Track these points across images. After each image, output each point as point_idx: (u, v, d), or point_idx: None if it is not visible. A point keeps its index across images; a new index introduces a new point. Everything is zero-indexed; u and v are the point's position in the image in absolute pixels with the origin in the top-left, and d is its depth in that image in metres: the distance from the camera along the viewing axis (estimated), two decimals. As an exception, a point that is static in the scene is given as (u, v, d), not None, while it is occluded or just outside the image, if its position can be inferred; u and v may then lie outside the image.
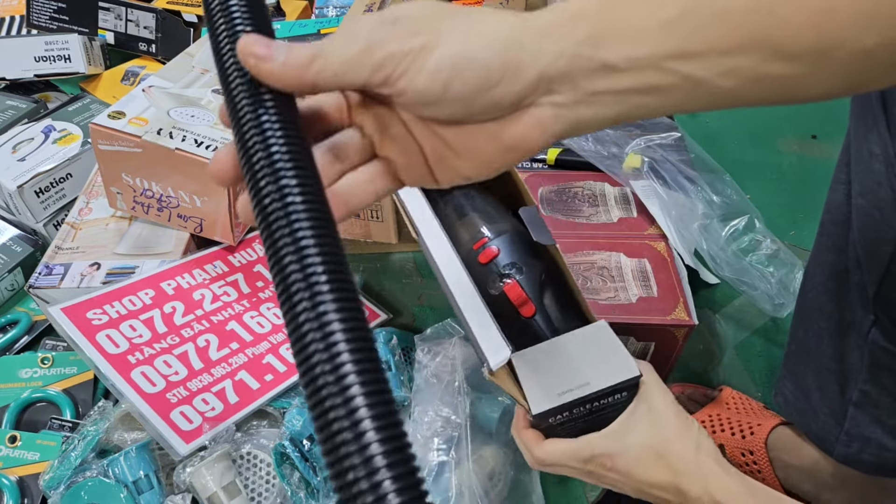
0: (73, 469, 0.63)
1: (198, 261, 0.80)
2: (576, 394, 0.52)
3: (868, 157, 0.49)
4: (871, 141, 0.48)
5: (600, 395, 0.52)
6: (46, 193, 0.89)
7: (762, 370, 0.82)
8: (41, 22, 1.23)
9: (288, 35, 1.10)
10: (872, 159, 0.49)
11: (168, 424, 0.64)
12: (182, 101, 0.80)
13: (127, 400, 0.64)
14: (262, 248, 0.85)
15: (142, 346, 0.69)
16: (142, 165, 0.75)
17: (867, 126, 0.49)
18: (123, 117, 0.75)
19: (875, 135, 0.48)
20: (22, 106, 1.00)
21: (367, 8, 0.78)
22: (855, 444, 0.58)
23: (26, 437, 0.69)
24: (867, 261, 0.52)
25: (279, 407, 0.70)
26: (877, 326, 0.54)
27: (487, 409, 0.68)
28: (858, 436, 0.58)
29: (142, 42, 1.21)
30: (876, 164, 0.48)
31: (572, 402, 0.52)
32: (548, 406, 0.52)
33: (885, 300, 0.52)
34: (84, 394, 0.76)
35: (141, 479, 0.62)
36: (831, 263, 0.58)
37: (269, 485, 0.64)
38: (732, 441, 0.70)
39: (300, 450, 0.64)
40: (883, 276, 0.51)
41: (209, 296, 0.77)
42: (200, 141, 0.74)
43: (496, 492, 0.64)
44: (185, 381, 0.68)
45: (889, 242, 0.49)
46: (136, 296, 0.73)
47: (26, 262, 0.88)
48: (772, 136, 1.19)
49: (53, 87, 1.18)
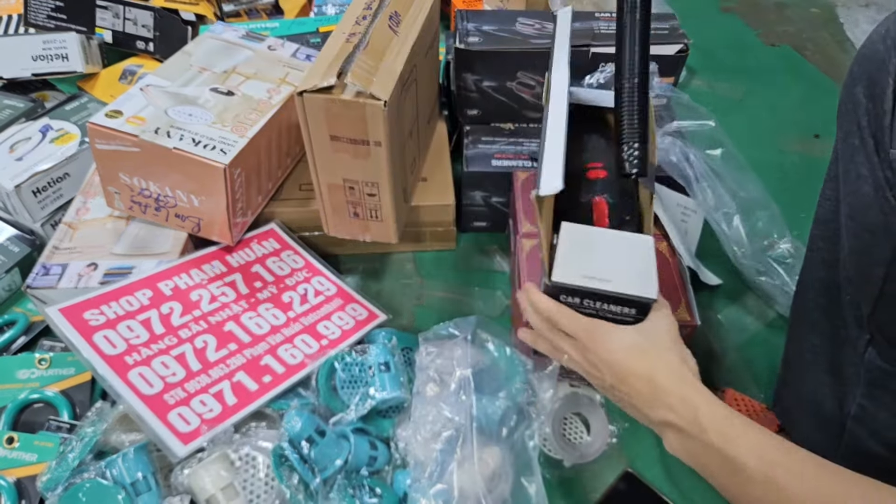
0: (70, 470, 0.62)
1: (196, 261, 0.79)
2: (594, 284, 0.55)
3: (856, 178, 0.49)
4: (858, 163, 0.49)
5: (613, 299, 0.55)
6: (44, 193, 0.89)
7: (765, 371, 0.82)
8: (39, 21, 1.22)
9: (286, 33, 1.10)
10: (860, 181, 0.49)
11: (166, 426, 0.63)
12: (180, 99, 0.80)
13: (124, 401, 0.64)
14: (260, 248, 0.85)
15: (139, 346, 0.68)
16: (139, 165, 0.75)
17: (854, 147, 0.49)
18: (121, 116, 0.75)
19: (862, 156, 0.48)
20: (19, 105, 1.00)
21: (367, 6, 0.78)
22: (854, 457, 0.58)
23: (24, 438, 0.69)
24: (860, 281, 0.52)
25: (278, 408, 0.70)
26: (873, 345, 0.54)
27: (488, 409, 0.68)
28: (857, 449, 0.58)
29: (139, 40, 1.21)
30: (864, 186, 0.48)
31: (587, 291, 0.55)
32: (566, 281, 0.55)
33: (879, 322, 0.52)
34: (82, 395, 0.75)
35: (139, 480, 0.62)
36: (822, 279, 0.58)
37: (267, 486, 0.64)
38: None
39: (299, 451, 0.63)
40: (877, 298, 0.51)
41: (207, 296, 0.76)
42: (198, 140, 0.74)
43: (497, 492, 0.64)
44: (183, 382, 0.67)
45: (881, 265, 0.49)
46: (133, 296, 0.73)
47: (23, 262, 0.87)
48: (774, 136, 1.19)
49: (51, 86, 1.17)
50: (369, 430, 0.70)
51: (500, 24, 0.93)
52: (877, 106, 0.46)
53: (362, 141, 0.70)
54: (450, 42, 1.07)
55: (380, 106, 0.66)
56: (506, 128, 0.98)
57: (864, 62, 0.47)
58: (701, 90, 1.33)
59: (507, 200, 0.95)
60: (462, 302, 0.90)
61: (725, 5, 1.65)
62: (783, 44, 1.50)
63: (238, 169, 0.75)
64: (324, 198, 0.79)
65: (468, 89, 0.94)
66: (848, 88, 0.49)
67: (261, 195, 0.85)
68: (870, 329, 0.53)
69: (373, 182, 0.75)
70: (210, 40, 0.92)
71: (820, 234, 0.57)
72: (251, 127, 0.78)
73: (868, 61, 0.47)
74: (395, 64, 0.72)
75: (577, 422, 0.76)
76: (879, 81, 0.46)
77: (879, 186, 0.47)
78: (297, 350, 0.74)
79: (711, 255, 0.95)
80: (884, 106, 0.45)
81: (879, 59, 0.46)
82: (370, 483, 0.66)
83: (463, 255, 0.97)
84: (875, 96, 0.46)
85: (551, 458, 0.72)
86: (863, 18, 1.63)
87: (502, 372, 0.72)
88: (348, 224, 0.82)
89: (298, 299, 0.81)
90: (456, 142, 1.02)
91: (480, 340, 0.74)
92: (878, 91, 0.46)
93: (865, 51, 0.48)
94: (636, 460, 0.74)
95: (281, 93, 0.85)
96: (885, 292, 0.50)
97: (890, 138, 0.45)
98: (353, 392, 0.70)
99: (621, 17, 0.61)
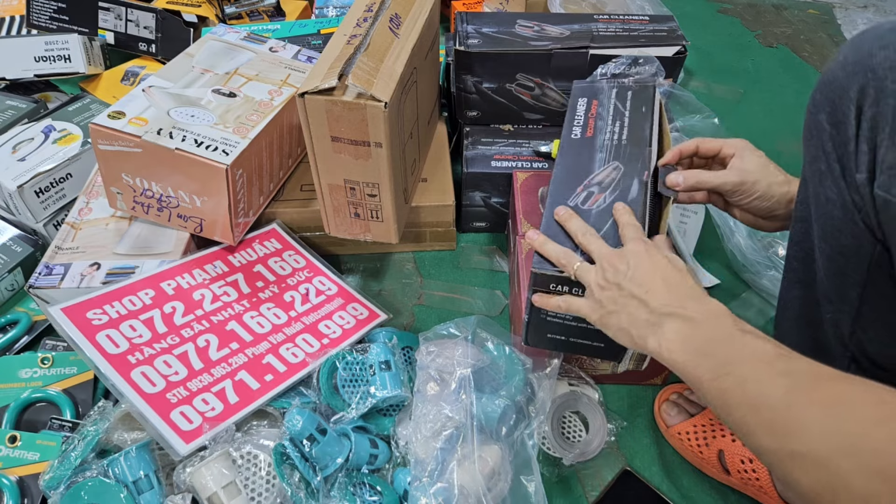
0: (73, 469, 0.63)
1: (198, 261, 0.80)
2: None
3: (825, 202, 0.50)
4: (827, 187, 0.49)
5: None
6: (46, 193, 0.89)
7: (762, 370, 0.82)
8: (41, 22, 1.23)
9: (288, 35, 1.10)
10: (830, 205, 0.50)
11: (168, 424, 0.63)
12: (182, 101, 0.80)
13: (127, 400, 0.64)
14: (262, 248, 0.85)
15: (142, 346, 0.69)
16: (142, 165, 0.75)
17: (821, 172, 0.49)
18: (123, 117, 0.75)
19: (829, 181, 0.49)
20: (22, 106, 1.00)
21: (367, 8, 0.78)
22: None
23: (26, 437, 0.69)
24: (838, 301, 0.53)
25: (279, 407, 0.70)
26: (855, 364, 0.55)
27: (488, 408, 0.68)
28: None
29: (142, 42, 1.21)
30: (834, 210, 0.49)
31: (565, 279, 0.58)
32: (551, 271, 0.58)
33: (859, 341, 0.53)
34: (84, 394, 0.76)
35: (141, 479, 0.62)
36: (800, 298, 0.59)
37: (268, 485, 0.64)
38: (733, 447, 0.70)
39: (300, 450, 0.63)
40: (855, 318, 0.52)
41: (209, 296, 0.77)
42: (200, 141, 0.74)
43: (497, 490, 0.64)
44: (185, 381, 0.68)
45: (855, 286, 0.50)
46: (136, 296, 0.73)
47: (26, 262, 0.88)
48: (771, 136, 1.19)
49: (53, 87, 1.18)
50: (370, 429, 0.70)
51: (500, 26, 0.94)
52: (840, 132, 0.47)
53: (363, 142, 0.71)
54: (450, 44, 1.07)
55: (380, 107, 0.67)
56: (505, 129, 0.98)
57: (825, 89, 0.48)
58: (699, 91, 1.33)
59: (507, 201, 0.95)
60: (462, 302, 0.91)
61: (723, 7, 1.66)
62: (781, 45, 1.51)
63: (240, 170, 0.76)
64: (325, 198, 0.79)
65: (468, 91, 0.95)
66: (811, 115, 0.50)
67: (262, 195, 0.86)
68: (850, 348, 0.54)
69: (373, 183, 0.75)
70: (212, 42, 0.93)
71: (794, 254, 0.58)
72: (253, 128, 0.78)
73: (829, 88, 0.48)
74: (395, 66, 0.72)
75: (576, 420, 0.77)
76: (842, 108, 0.46)
77: (849, 210, 0.48)
78: (299, 349, 0.75)
79: (711, 255, 0.95)
80: (847, 133, 0.46)
81: (840, 86, 0.46)
82: (371, 481, 0.67)
83: (463, 255, 0.98)
84: (838, 123, 0.47)
85: (550, 456, 0.73)
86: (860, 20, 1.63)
87: (502, 371, 0.73)
88: (349, 224, 0.82)
89: (300, 299, 0.81)
90: (456, 143, 1.02)
91: (480, 340, 0.75)
92: (840, 118, 0.47)
93: (826, 78, 0.48)
94: (634, 458, 0.74)
95: (282, 94, 0.85)
96: (862, 313, 0.51)
97: (855, 164, 0.46)
98: (353, 391, 0.71)
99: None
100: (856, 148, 0.46)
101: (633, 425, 0.77)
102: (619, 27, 0.92)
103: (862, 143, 0.45)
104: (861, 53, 0.45)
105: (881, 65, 0.43)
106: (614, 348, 0.63)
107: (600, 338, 0.60)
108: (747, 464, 0.68)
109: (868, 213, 0.47)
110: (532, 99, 0.95)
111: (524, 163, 0.92)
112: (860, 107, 0.45)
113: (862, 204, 0.47)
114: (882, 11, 1.68)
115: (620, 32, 0.91)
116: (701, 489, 0.72)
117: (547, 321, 0.63)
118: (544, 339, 0.66)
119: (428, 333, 0.75)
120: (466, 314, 0.87)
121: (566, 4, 1.31)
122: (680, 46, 0.90)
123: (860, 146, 0.45)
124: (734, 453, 0.70)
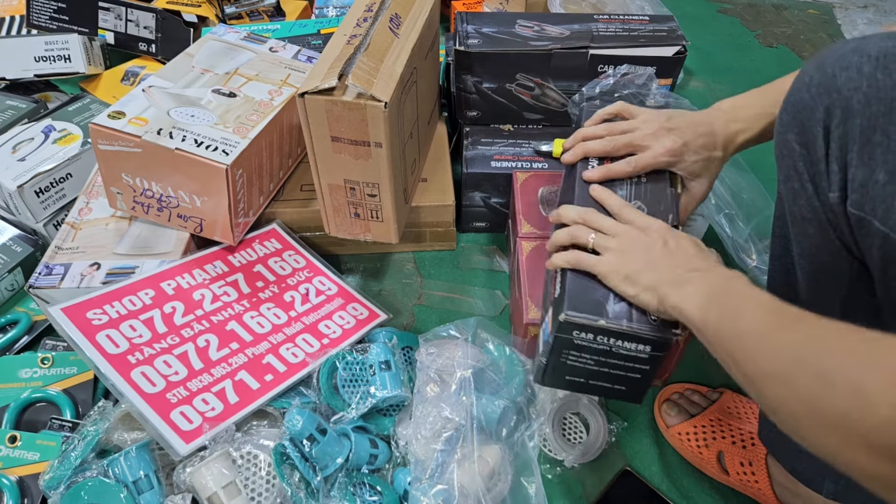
0: (73, 469, 0.63)
1: (198, 261, 0.80)
2: (610, 324, 0.55)
3: (801, 220, 0.51)
4: (801, 205, 0.50)
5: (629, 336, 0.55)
6: (46, 193, 0.89)
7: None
8: (41, 22, 1.23)
9: (288, 35, 1.10)
10: (805, 223, 0.50)
11: (168, 424, 0.63)
12: (182, 101, 0.80)
13: (127, 400, 0.64)
14: (262, 248, 0.85)
15: (142, 346, 0.69)
16: (142, 165, 0.75)
17: (795, 190, 0.50)
18: (123, 117, 0.75)
19: (804, 199, 0.49)
20: (22, 106, 1.00)
21: (367, 8, 0.78)
22: (843, 480, 0.58)
23: (26, 437, 0.69)
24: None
25: (279, 407, 0.70)
26: None
27: (488, 409, 0.68)
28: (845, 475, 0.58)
29: (142, 42, 1.21)
30: (810, 228, 0.50)
31: (601, 329, 0.55)
32: (579, 319, 0.56)
33: None
34: (84, 394, 0.76)
35: (141, 479, 0.62)
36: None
37: (269, 485, 0.64)
38: (733, 450, 0.70)
39: (300, 450, 0.63)
40: None
41: (209, 296, 0.77)
42: (200, 141, 0.74)
43: (497, 491, 0.64)
44: (185, 381, 0.68)
45: (836, 303, 0.51)
46: (136, 296, 0.73)
47: (26, 262, 0.88)
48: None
49: (53, 87, 1.18)
50: (370, 429, 0.70)
51: (500, 26, 0.94)
52: (811, 152, 0.47)
53: (363, 142, 0.71)
54: (450, 44, 1.07)
55: (380, 107, 0.67)
56: (505, 129, 0.98)
57: (792, 110, 0.48)
58: (699, 91, 1.33)
59: (507, 201, 0.95)
60: (462, 302, 0.91)
61: (723, 7, 1.66)
62: (781, 45, 1.51)
63: (240, 170, 0.76)
64: (325, 198, 0.79)
65: (468, 91, 0.95)
66: (781, 135, 0.50)
67: (262, 195, 0.86)
68: None
69: (373, 183, 0.75)
70: (212, 42, 0.93)
71: (776, 269, 0.59)
72: (253, 128, 0.78)
73: (796, 109, 0.48)
74: (395, 66, 0.72)
75: (577, 421, 0.77)
76: (810, 128, 0.47)
77: (824, 228, 0.48)
78: (299, 349, 0.75)
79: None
80: (817, 153, 0.47)
81: (806, 106, 0.47)
82: (371, 481, 0.67)
83: (463, 256, 0.98)
84: (807, 143, 0.47)
85: (551, 457, 0.73)
86: (860, 20, 1.63)
87: (502, 372, 0.73)
88: (349, 224, 0.82)
89: (300, 299, 0.81)
90: (456, 143, 1.02)
91: (480, 341, 0.75)
92: (809, 138, 0.47)
93: (792, 98, 0.48)
94: (635, 459, 0.75)
95: (282, 94, 0.85)
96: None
97: (828, 183, 0.46)
98: (353, 391, 0.71)
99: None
100: (826, 168, 0.46)
101: (633, 425, 0.77)
102: (619, 27, 0.93)
103: (832, 162, 0.46)
104: (825, 75, 0.45)
105: (845, 85, 0.44)
106: (635, 389, 0.61)
107: (621, 381, 0.59)
108: (746, 466, 0.68)
109: (843, 230, 0.47)
110: (532, 99, 0.95)
111: (524, 163, 0.92)
112: (827, 127, 0.45)
113: (837, 222, 0.47)
114: (882, 11, 1.68)
115: (620, 32, 0.91)
116: (701, 489, 0.72)
117: (567, 364, 0.60)
118: (562, 380, 0.63)
119: (428, 335, 0.75)
120: (466, 314, 0.87)
121: (566, 4, 1.31)
122: (680, 46, 0.90)
123: (830, 166, 0.46)
124: (734, 455, 0.70)
